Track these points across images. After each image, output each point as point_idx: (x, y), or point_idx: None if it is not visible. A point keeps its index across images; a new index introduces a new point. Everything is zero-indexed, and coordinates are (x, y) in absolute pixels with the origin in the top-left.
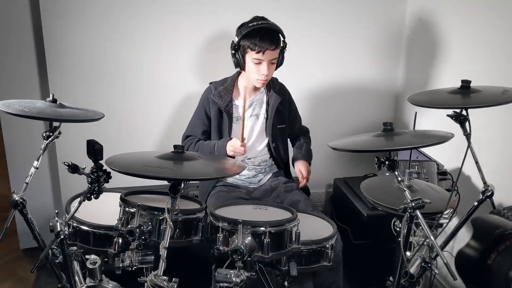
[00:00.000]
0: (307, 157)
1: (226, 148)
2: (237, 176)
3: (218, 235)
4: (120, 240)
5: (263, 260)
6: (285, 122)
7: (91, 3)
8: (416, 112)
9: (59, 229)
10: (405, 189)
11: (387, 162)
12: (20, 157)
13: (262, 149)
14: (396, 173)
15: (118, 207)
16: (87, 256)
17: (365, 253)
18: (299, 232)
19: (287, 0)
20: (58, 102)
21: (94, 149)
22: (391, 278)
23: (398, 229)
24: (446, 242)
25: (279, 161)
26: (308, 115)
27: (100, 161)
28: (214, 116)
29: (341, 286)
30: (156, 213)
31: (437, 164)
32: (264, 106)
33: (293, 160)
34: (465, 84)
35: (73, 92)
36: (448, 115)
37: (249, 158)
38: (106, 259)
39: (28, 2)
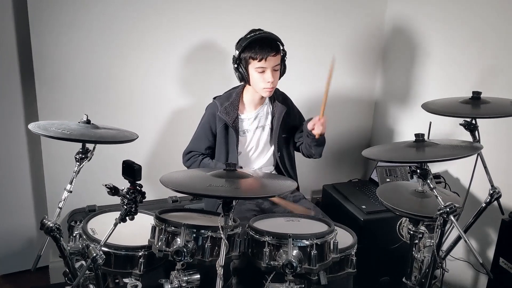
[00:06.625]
0: None
1: None
2: None
3: (264, 250)
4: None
5: (311, 271)
6: (289, 132)
7: (80, 19)
8: (430, 122)
9: (94, 254)
10: (437, 195)
11: (419, 171)
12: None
13: (267, 160)
14: (428, 181)
15: (133, 226)
16: (125, 280)
17: (363, 256)
18: (337, 242)
19: (264, 9)
20: (91, 123)
21: (133, 170)
22: (404, 279)
23: (411, 232)
24: (452, 245)
25: (284, 170)
26: None
27: (138, 181)
28: (220, 131)
29: None
30: (202, 231)
31: None
32: (269, 117)
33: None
34: (476, 95)
35: (59, 109)
36: (460, 124)
37: (254, 170)
38: (117, 280)
39: (13, 19)
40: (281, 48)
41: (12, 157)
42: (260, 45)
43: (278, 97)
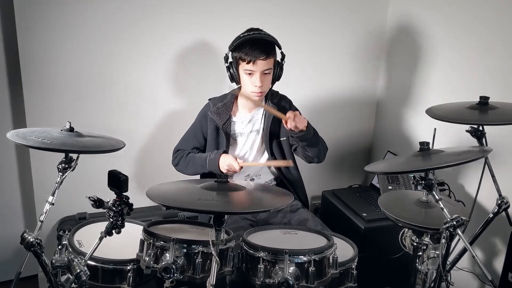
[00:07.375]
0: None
1: (219, 164)
2: None
3: (258, 266)
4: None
5: None
6: (286, 135)
7: (70, 21)
8: (435, 128)
9: (78, 270)
10: (443, 207)
11: (423, 182)
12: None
13: (263, 167)
14: (434, 192)
15: (123, 235)
16: None
17: (364, 266)
18: (337, 257)
19: (263, 12)
20: (75, 131)
21: (119, 180)
22: None
23: (415, 244)
24: (458, 258)
25: (283, 178)
26: None
27: (124, 193)
28: (211, 133)
29: None
30: (193, 246)
31: None
32: (263, 119)
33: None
34: (483, 100)
35: (48, 114)
36: (466, 131)
37: (253, 179)
38: None
39: None
40: (277, 51)
41: (0, 164)
42: (251, 46)
43: (273, 99)
